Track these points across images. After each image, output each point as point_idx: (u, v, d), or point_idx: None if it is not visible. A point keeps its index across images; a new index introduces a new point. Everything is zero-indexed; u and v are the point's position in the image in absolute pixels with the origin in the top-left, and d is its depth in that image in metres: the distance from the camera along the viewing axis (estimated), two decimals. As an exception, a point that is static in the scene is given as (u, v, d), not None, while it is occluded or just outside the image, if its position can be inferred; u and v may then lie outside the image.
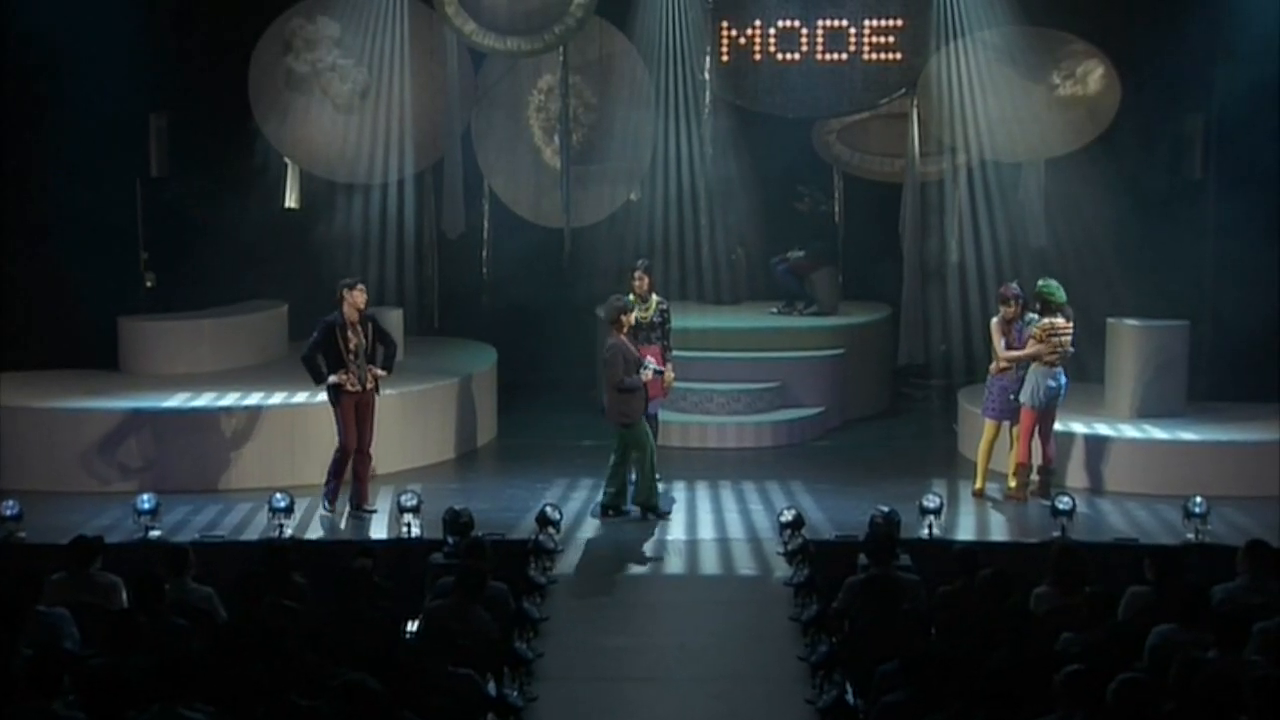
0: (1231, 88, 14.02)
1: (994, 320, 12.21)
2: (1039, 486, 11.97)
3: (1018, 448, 11.96)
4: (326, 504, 11.62)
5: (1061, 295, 11.87)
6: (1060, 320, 11.80)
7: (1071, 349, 11.93)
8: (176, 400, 12.88)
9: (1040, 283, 12.02)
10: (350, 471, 11.70)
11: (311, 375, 11.51)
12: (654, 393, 12.45)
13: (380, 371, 11.64)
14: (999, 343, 12.05)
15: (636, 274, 12.54)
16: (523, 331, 15.67)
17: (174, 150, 15.04)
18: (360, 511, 11.64)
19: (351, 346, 11.48)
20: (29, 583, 8.32)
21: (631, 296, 12.48)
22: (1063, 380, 11.88)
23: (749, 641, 9.84)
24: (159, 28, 14.41)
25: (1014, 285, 12.26)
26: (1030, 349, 11.80)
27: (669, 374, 12.38)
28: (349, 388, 11.48)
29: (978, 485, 12.18)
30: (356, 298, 11.53)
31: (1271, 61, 13.63)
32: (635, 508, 11.82)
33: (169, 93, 14.72)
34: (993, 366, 12.10)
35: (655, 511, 11.78)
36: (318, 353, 11.45)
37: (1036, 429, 11.95)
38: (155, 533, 11.04)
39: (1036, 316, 11.93)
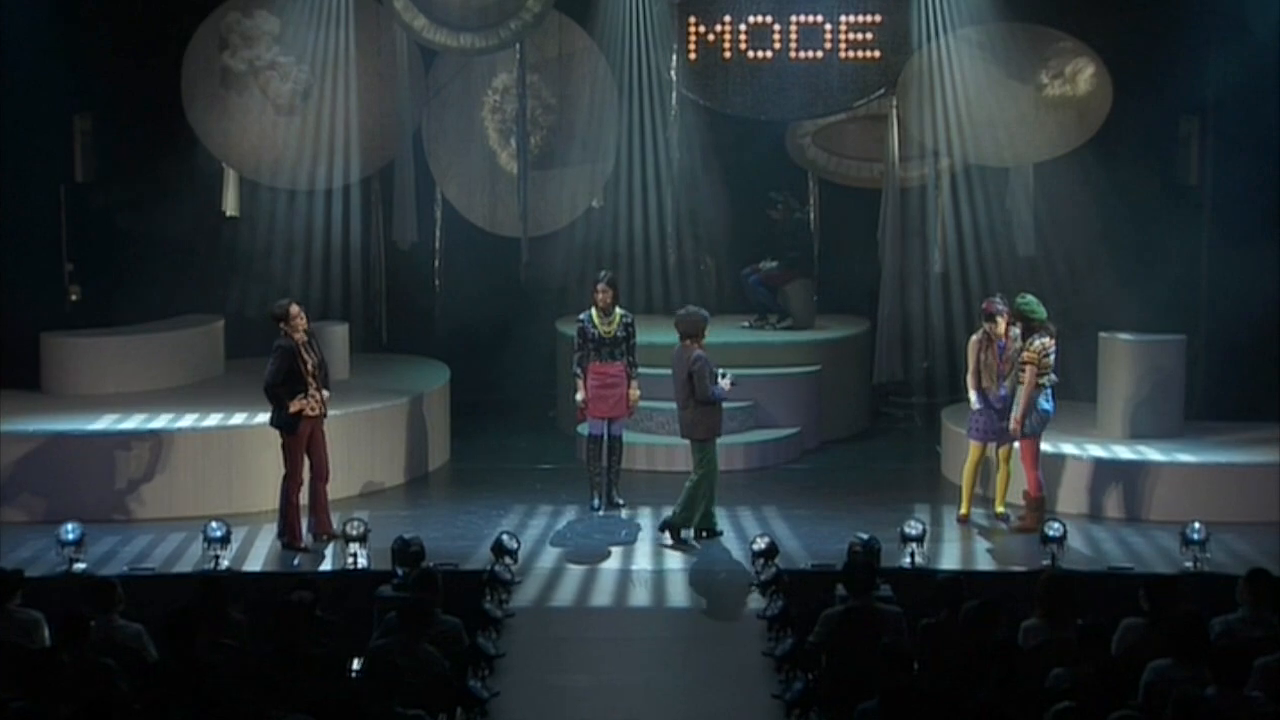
0: (1228, 88, 14.13)
1: (973, 338, 12.23)
2: (1034, 519, 11.96)
3: (1027, 479, 11.94)
4: (287, 541, 11.52)
5: (1043, 311, 11.88)
6: (1048, 340, 11.83)
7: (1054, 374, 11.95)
8: (104, 423, 12.80)
9: (1019, 299, 11.99)
10: (308, 499, 11.68)
11: (275, 406, 11.46)
12: (618, 412, 12.48)
13: (327, 393, 11.65)
14: (974, 363, 12.07)
15: (599, 286, 12.56)
16: (477, 348, 15.64)
17: (100, 154, 14.96)
18: (324, 540, 11.63)
19: (310, 368, 11.49)
20: (-57, 620, 8.26)
21: (593, 310, 12.50)
22: (1053, 403, 11.91)
23: (719, 679, 9.83)
24: (83, 22, 14.34)
25: (999, 299, 12.28)
26: (1029, 381, 11.73)
27: (634, 392, 12.45)
28: (309, 413, 11.47)
29: (963, 510, 12.22)
30: (297, 321, 11.49)
31: (1270, 61, 13.75)
32: (690, 531, 11.90)
33: (94, 92, 14.65)
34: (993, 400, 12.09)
35: (712, 532, 11.89)
36: (281, 380, 11.40)
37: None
38: (80, 565, 10.97)
39: (1016, 334, 11.94)
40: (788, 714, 8.87)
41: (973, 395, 12.05)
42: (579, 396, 12.55)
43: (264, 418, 12.03)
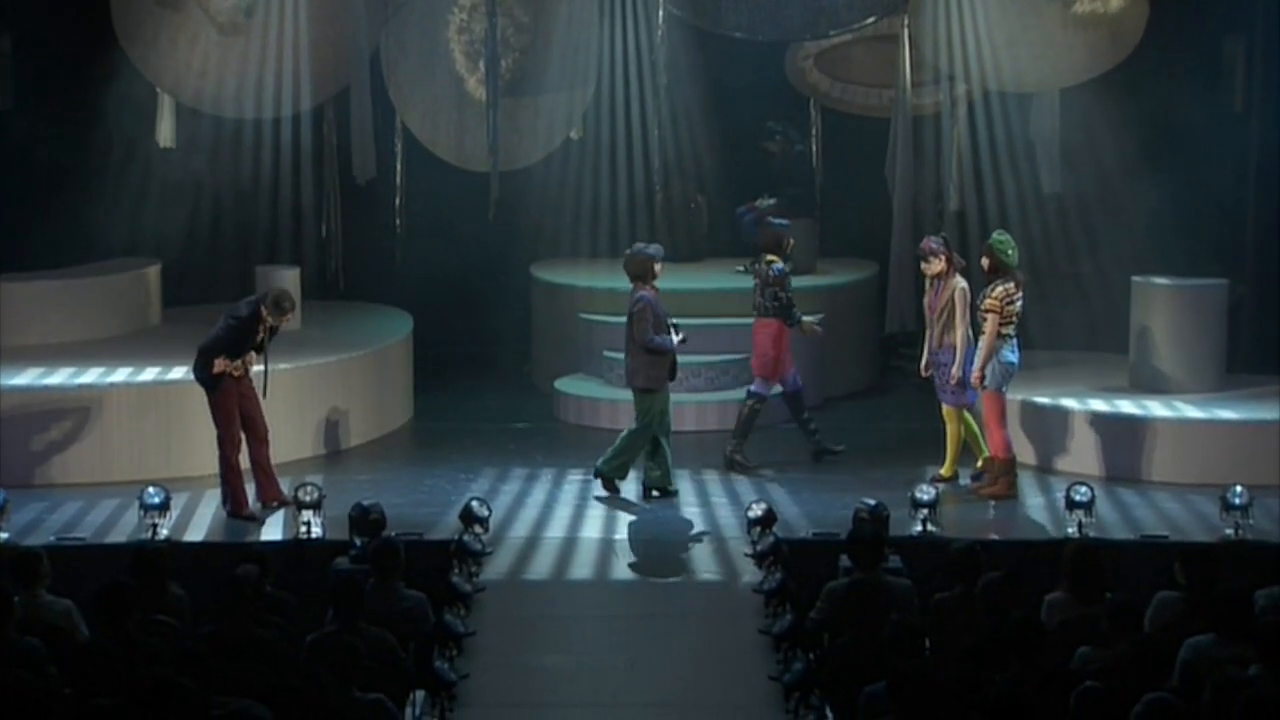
0: (1278, 4, 14.09)
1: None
2: (1005, 485, 12.03)
3: (988, 440, 12.02)
4: (232, 509, 11.54)
5: (1014, 256, 11.95)
6: (1012, 285, 11.86)
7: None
8: (26, 377, 12.76)
9: (996, 236, 12.09)
10: (249, 463, 11.70)
11: (203, 367, 11.41)
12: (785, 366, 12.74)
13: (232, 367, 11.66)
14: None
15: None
16: (443, 295, 15.63)
17: (20, 78, 14.87)
18: (273, 506, 11.66)
19: (258, 341, 11.54)
20: None
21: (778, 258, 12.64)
22: (1019, 355, 11.95)
23: (711, 659, 9.87)
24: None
25: (936, 239, 12.35)
26: (990, 331, 11.79)
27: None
28: (234, 374, 11.46)
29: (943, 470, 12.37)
30: (286, 320, 11.58)
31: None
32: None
33: (12, 7, 14.52)
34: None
35: (666, 492, 12.14)
36: (221, 350, 11.37)
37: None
38: (2, 535, 10.96)
39: (961, 284, 11.96)
40: (786, 697, 8.90)
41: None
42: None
43: (182, 373, 12.00)
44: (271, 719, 6.83)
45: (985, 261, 11.95)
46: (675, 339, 12.09)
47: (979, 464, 12.28)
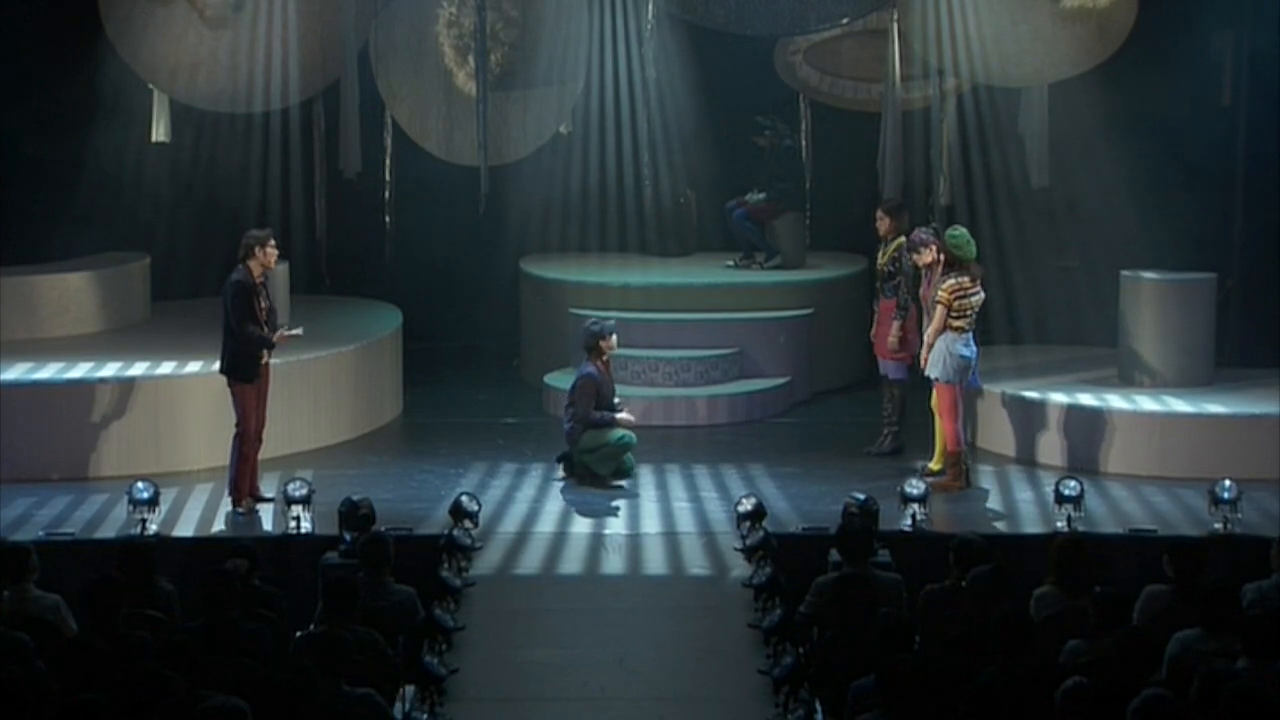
0: (1266, -1, 14.13)
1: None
2: (953, 476, 12.04)
3: (945, 431, 12.05)
4: (235, 505, 11.54)
5: (972, 250, 11.97)
6: (966, 280, 11.87)
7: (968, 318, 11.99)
8: (15, 372, 12.73)
9: (950, 232, 12.11)
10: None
11: (246, 349, 11.33)
12: (880, 351, 12.80)
13: (295, 332, 11.61)
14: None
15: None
16: (432, 289, 15.63)
17: (5, 71, 14.80)
18: (258, 501, 11.66)
19: (263, 313, 11.45)
20: None
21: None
22: (975, 349, 11.96)
23: (701, 654, 9.88)
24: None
25: (926, 229, 12.40)
26: (936, 323, 11.83)
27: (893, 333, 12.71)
28: (264, 359, 11.44)
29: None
30: (270, 256, 11.46)
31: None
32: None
33: None
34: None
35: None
36: (245, 315, 11.30)
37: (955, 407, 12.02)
38: (-10, 530, 10.96)
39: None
40: (776, 691, 8.90)
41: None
42: None
43: (195, 367, 11.95)
44: (251, 714, 6.81)
45: (941, 255, 11.99)
46: (622, 417, 12.30)
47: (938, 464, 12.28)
